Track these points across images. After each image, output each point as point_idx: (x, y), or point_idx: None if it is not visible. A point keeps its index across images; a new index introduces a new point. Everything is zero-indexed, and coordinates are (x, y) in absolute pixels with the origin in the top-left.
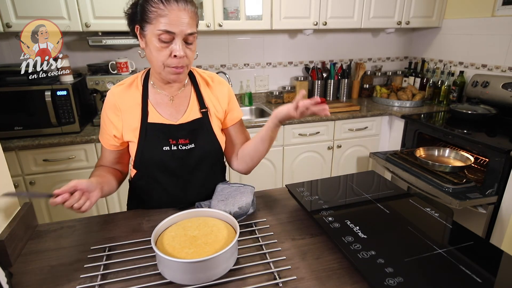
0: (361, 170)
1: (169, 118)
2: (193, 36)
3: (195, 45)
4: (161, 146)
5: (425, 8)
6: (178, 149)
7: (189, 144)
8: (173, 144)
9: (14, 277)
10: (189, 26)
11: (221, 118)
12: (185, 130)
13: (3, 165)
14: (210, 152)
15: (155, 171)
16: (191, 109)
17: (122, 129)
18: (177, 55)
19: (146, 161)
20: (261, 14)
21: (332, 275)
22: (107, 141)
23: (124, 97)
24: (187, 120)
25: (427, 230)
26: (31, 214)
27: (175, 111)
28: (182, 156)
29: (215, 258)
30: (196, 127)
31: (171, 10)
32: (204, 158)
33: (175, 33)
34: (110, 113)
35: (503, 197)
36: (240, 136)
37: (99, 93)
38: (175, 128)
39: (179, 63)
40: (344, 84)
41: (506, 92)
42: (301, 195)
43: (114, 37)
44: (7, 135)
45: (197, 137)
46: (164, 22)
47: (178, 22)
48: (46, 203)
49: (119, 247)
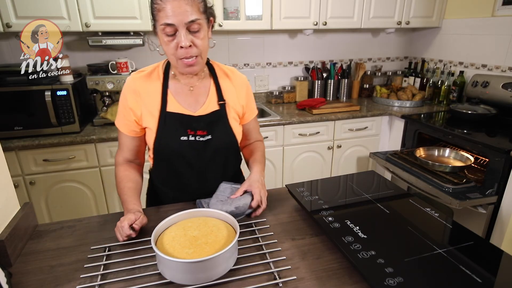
0: (361, 170)
1: (188, 108)
2: (196, 23)
3: (204, 32)
4: (178, 136)
5: (425, 8)
6: (195, 140)
7: (207, 136)
8: (191, 134)
9: (14, 277)
10: (187, 14)
11: (239, 112)
12: (203, 121)
13: (3, 165)
14: (226, 144)
15: (172, 160)
16: (209, 101)
17: (141, 115)
18: (182, 45)
19: (163, 149)
20: (261, 14)
21: (332, 275)
22: (127, 127)
23: (145, 84)
24: (205, 111)
25: (427, 230)
26: (31, 214)
27: (194, 102)
28: (199, 147)
29: (215, 258)
30: (214, 119)
31: (167, 3)
32: (220, 150)
33: (175, 24)
34: (130, 98)
35: (503, 197)
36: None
37: (99, 93)
38: (195, 119)
39: (187, 53)
40: (344, 84)
41: (506, 92)
42: (301, 195)
43: (114, 37)
44: (7, 135)
45: (215, 129)
46: (163, 15)
47: (175, 13)
48: (46, 203)
49: (119, 247)
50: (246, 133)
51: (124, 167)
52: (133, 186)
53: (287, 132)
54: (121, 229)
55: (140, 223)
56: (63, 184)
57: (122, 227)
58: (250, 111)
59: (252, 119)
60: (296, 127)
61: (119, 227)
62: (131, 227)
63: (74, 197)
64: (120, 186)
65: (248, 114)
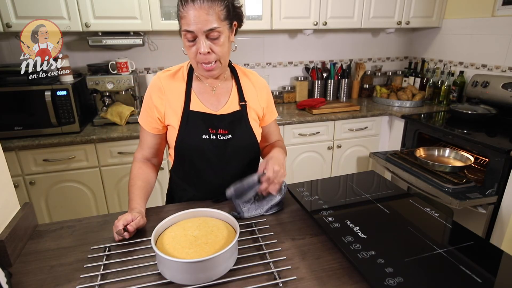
0: (361, 170)
1: (211, 108)
2: (215, 31)
3: (224, 39)
4: (200, 134)
5: (425, 8)
6: (216, 138)
7: (227, 135)
8: (212, 133)
9: (14, 277)
10: (206, 23)
11: (259, 113)
12: (225, 120)
13: (3, 165)
14: (247, 144)
15: (193, 158)
16: (231, 101)
17: (164, 113)
18: (201, 52)
19: (185, 147)
20: (261, 14)
21: (332, 275)
22: (150, 124)
23: (169, 83)
24: (227, 111)
25: (427, 230)
26: (31, 214)
27: (216, 101)
28: (219, 146)
29: (215, 258)
30: (235, 119)
31: (188, 11)
32: (240, 150)
33: (194, 31)
34: (155, 95)
35: (503, 197)
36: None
37: (99, 93)
38: (216, 118)
39: (206, 59)
40: (344, 84)
41: (506, 92)
42: (301, 195)
43: (114, 37)
44: (7, 135)
45: (235, 128)
46: (185, 22)
47: (195, 21)
48: (46, 203)
49: (119, 247)
50: (266, 135)
51: (140, 164)
52: (142, 185)
53: (287, 132)
54: (115, 228)
55: (136, 224)
56: (63, 184)
57: (117, 226)
58: (270, 113)
59: (272, 122)
60: (296, 127)
61: (115, 226)
62: (125, 228)
63: (74, 197)
64: (131, 183)
65: (268, 116)
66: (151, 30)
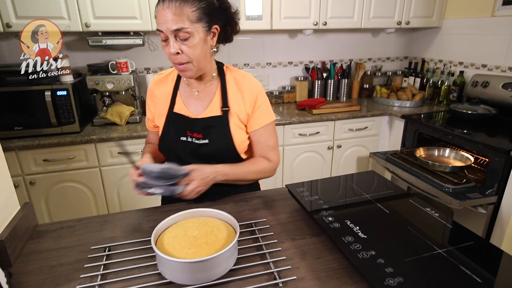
0: (361, 170)
1: (192, 111)
2: (183, 32)
3: (196, 41)
4: (179, 136)
5: (425, 8)
6: (192, 141)
7: (202, 139)
8: (189, 136)
9: (14, 277)
10: (173, 23)
11: (243, 119)
12: (200, 125)
13: (3, 165)
14: (223, 150)
15: (171, 159)
16: (213, 106)
17: (154, 114)
18: (170, 51)
19: (166, 147)
20: (261, 14)
21: (332, 275)
22: (149, 123)
23: (160, 86)
24: (207, 115)
25: (427, 230)
26: (31, 214)
27: (198, 105)
28: (195, 149)
29: (215, 258)
30: (213, 124)
31: (159, 10)
32: (216, 155)
33: (163, 31)
34: (149, 98)
35: (503, 197)
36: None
37: (99, 93)
38: (193, 121)
39: (176, 60)
40: (344, 84)
41: (506, 92)
42: (301, 195)
43: (114, 37)
44: (7, 135)
45: (212, 133)
46: (157, 22)
47: (163, 21)
48: (46, 203)
49: (119, 247)
50: (253, 143)
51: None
52: (150, 150)
53: (287, 132)
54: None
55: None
56: (63, 184)
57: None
58: (256, 119)
59: (261, 129)
60: (296, 127)
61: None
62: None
63: (74, 197)
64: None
65: (253, 122)
66: (151, 30)
